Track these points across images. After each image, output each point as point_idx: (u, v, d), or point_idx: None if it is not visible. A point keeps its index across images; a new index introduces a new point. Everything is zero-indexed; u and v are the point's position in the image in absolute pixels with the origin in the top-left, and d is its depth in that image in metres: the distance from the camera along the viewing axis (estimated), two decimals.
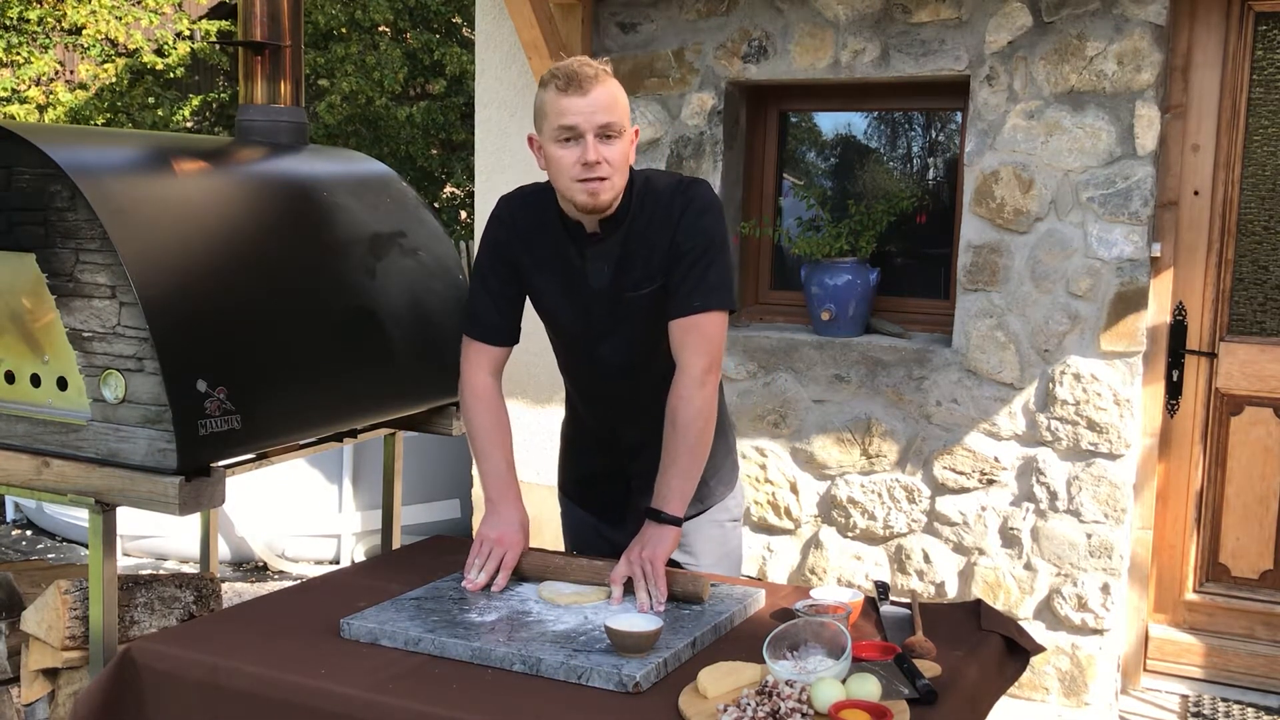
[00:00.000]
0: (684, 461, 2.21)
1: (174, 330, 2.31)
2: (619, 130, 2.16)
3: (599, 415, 2.48)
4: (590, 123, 2.14)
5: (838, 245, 3.92)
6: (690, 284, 2.22)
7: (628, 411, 2.42)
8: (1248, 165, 3.57)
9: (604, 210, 2.22)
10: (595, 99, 2.13)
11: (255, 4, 3.00)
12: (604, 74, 2.16)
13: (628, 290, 2.27)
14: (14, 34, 7.26)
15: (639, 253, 2.26)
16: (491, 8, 4.30)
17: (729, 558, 2.51)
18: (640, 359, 2.35)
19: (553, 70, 2.17)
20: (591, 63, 2.17)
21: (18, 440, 2.50)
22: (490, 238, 2.38)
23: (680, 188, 2.27)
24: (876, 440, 3.90)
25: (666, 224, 2.24)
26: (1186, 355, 3.69)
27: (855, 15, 3.79)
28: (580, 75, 2.13)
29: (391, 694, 1.80)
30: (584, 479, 2.58)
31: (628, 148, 2.20)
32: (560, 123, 2.15)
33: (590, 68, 2.15)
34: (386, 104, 7.01)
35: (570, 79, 2.13)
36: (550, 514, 4.38)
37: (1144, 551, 3.75)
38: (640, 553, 2.16)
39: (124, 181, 2.47)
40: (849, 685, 1.75)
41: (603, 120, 2.14)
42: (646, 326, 2.30)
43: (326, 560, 5.19)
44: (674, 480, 2.21)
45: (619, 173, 2.19)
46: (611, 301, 2.29)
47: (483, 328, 2.39)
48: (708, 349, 2.22)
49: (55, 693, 2.74)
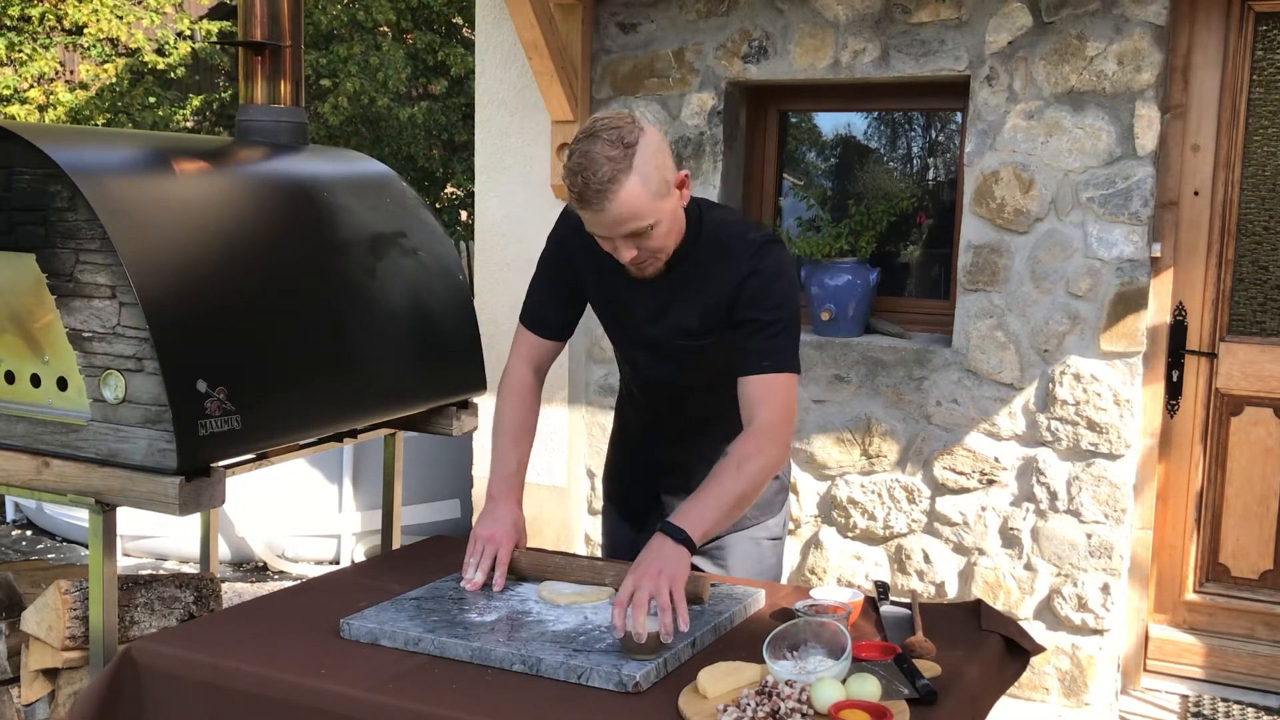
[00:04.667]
0: (727, 504, 2.06)
1: (174, 330, 2.31)
2: (650, 225, 2.04)
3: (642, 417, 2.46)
4: (614, 233, 2.04)
5: (838, 245, 3.92)
6: (762, 346, 2.14)
7: (669, 423, 2.41)
8: (1248, 165, 3.57)
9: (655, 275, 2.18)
10: (611, 215, 2.00)
11: (255, 4, 3.00)
12: (616, 182, 1.97)
13: (675, 336, 2.23)
14: (15, 33, 7.26)
15: (690, 298, 2.19)
16: (491, 8, 4.30)
17: (763, 575, 2.44)
18: (683, 388, 2.33)
19: (566, 171, 2.00)
20: (599, 168, 1.96)
21: (18, 440, 2.50)
22: (557, 234, 2.34)
23: (753, 248, 2.15)
24: (876, 440, 3.90)
25: (727, 278, 2.14)
26: (1186, 355, 3.69)
27: (855, 15, 3.79)
28: (588, 192, 1.98)
29: (391, 694, 1.80)
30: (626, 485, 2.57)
31: (670, 217, 2.08)
32: (588, 228, 2.07)
33: (596, 180, 1.96)
34: (388, 104, 7.01)
35: (581, 196, 1.99)
36: (550, 514, 4.40)
37: (1144, 552, 3.75)
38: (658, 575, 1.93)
39: (124, 181, 2.47)
40: (849, 685, 1.75)
41: (627, 230, 2.03)
42: (690, 367, 2.28)
43: (326, 560, 5.19)
44: (709, 509, 2.04)
45: (665, 246, 2.11)
46: (656, 337, 2.26)
47: (533, 318, 2.38)
48: (781, 404, 2.13)
49: (55, 693, 2.74)
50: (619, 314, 2.30)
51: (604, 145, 1.97)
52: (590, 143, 1.99)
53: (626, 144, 1.98)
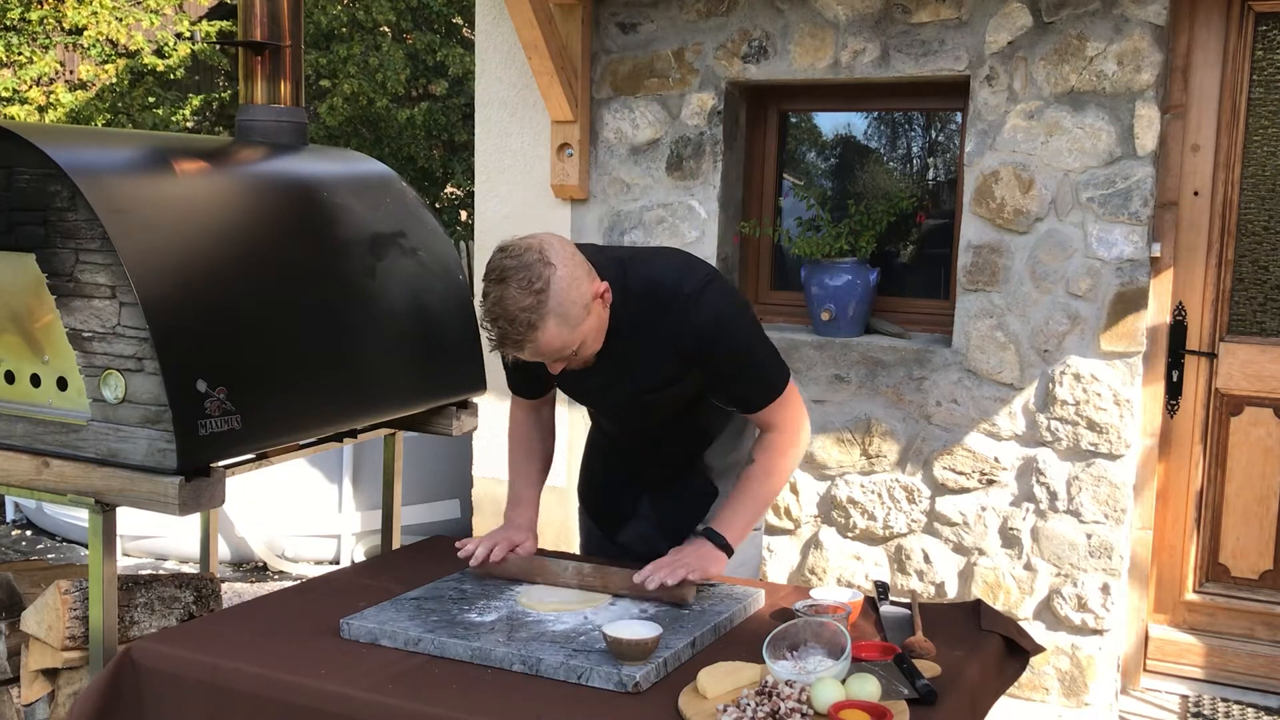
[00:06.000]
0: (760, 505, 2.27)
1: (174, 330, 2.31)
2: (573, 350, 2.06)
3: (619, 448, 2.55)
4: (539, 359, 2.08)
5: (837, 245, 3.92)
6: (753, 390, 2.24)
7: (647, 451, 2.49)
8: (1248, 165, 3.57)
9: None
10: (535, 353, 2.03)
11: (255, 4, 3.00)
12: (534, 328, 1.97)
13: (633, 393, 2.27)
14: (15, 34, 7.26)
15: (639, 361, 2.21)
16: (491, 8, 4.30)
17: (745, 565, 2.53)
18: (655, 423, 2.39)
19: (482, 313, 2.00)
20: (514, 319, 1.96)
21: (18, 440, 2.50)
22: None
23: (690, 303, 2.13)
24: (876, 440, 3.90)
25: (675, 334, 2.15)
26: (1186, 355, 3.68)
27: (855, 15, 3.79)
28: (507, 340, 1.99)
29: (391, 694, 1.80)
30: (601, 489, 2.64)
31: (593, 331, 2.09)
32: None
33: (514, 331, 1.97)
34: (387, 105, 7.01)
35: (501, 341, 2.00)
36: (550, 514, 4.39)
37: (1144, 552, 3.74)
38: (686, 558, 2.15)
39: (124, 181, 2.47)
40: (849, 685, 1.75)
41: (551, 359, 2.07)
42: (655, 412, 2.33)
43: (326, 560, 5.19)
44: (743, 515, 2.24)
45: (590, 351, 2.12)
46: (615, 398, 2.32)
47: (516, 387, 2.49)
48: (792, 413, 2.28)
49: (55, 693, 2.74)
50: (575, 386, 2.36)
51: (515, 293, 1.95)
52: (501, 288, 1.96)
53: (537, 290, 1.95)
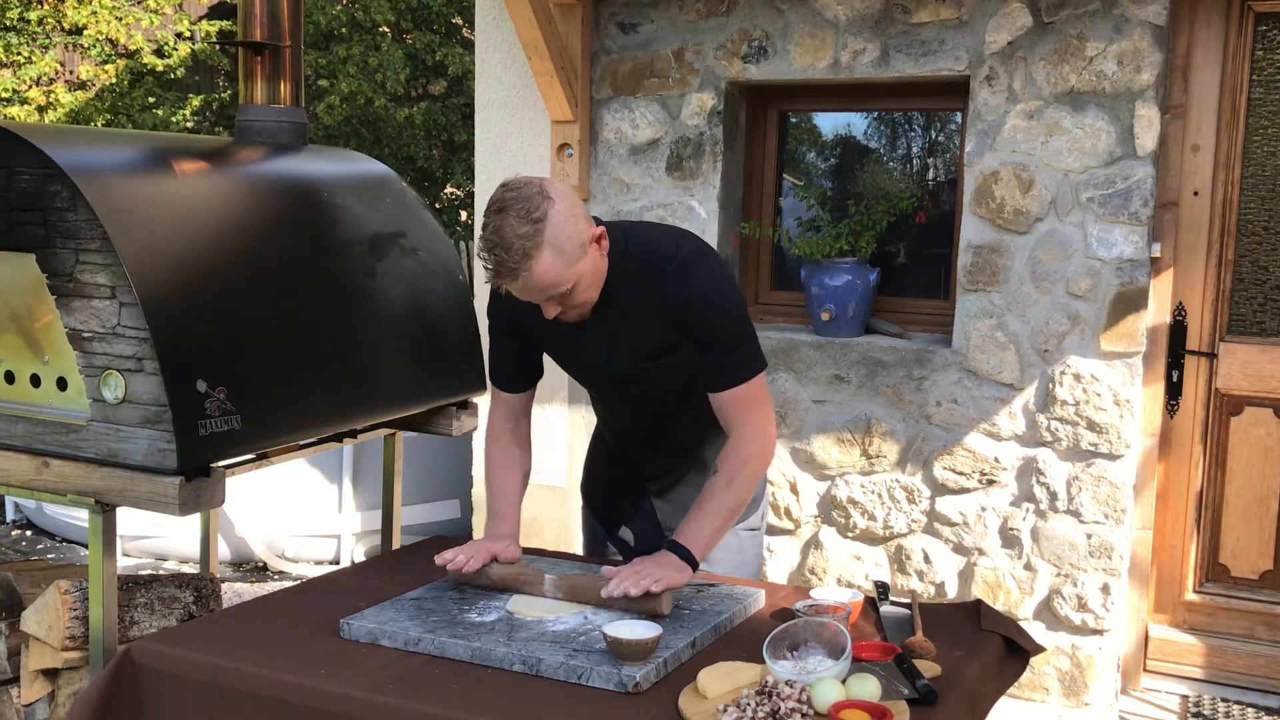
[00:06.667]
0: (724, 516, 2.20)
1: (174, 330, 2.31)
2: (567, 289, 2.08)
3: (620, 439, 2.54)
4: (534, 298, 2.09)
5: (837, 245, 3.92)
6: (724, 363, 2.22)
7: (647, 442, 2.48)
8: (1248, 165, 3.57)
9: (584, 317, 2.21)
10: (528, 286, 2.05)
11: (255, 4, 3.00)
12: (529, 257, 2.00)
13: (631, 362, 2.27)
14: (14, 34, 7.26)
15: (635, 327, 2.23)
16: (491, 8, 4.30)
17: (746, 565, 2.52)
18: (656, 403, 2.39)
19: (480, 245, 2.04)
20: (510, 246, 1.99)
21: (18, 440, 2.50)
22: (490, 300, 2.39)
23: (685, 267, 2.18)
24: (876, 440, 3.90)
25: (668, 299, 2.18)
26: (1186, 355, 3.68)
27: (855, 15, 3.79)
28: (502, 269, 2.01)
29: (391, 694, 1.80)
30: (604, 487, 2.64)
31: (590, 274, 2.11)
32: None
33: (510, 259, 1.99)
34: (386, 105, 7.01)
35: (497, 271, 2.03)
36: (550, 514, 4.39)
37: (1144, 552, 3.74)
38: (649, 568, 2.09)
39: (124, 181, 2.47)
40: (849, 685, 1.75)
41: (544, 297, 2.08)
42: (655, 384, 2.33)
43: (326, 560, 5.19)
44: (707, 527, 2.18)
45: (586, 298, 2.14)
46: (614, 368, 2.31)
47: (497, 376, 2.46)
48: (757, 409, 2.23)
49: (55, 693, 2.74)
50: (571, 355, 2.36)
51: (514, 221, 1.99)
52: (500, 218, 2.00)
53: (535, 219, 1.99)
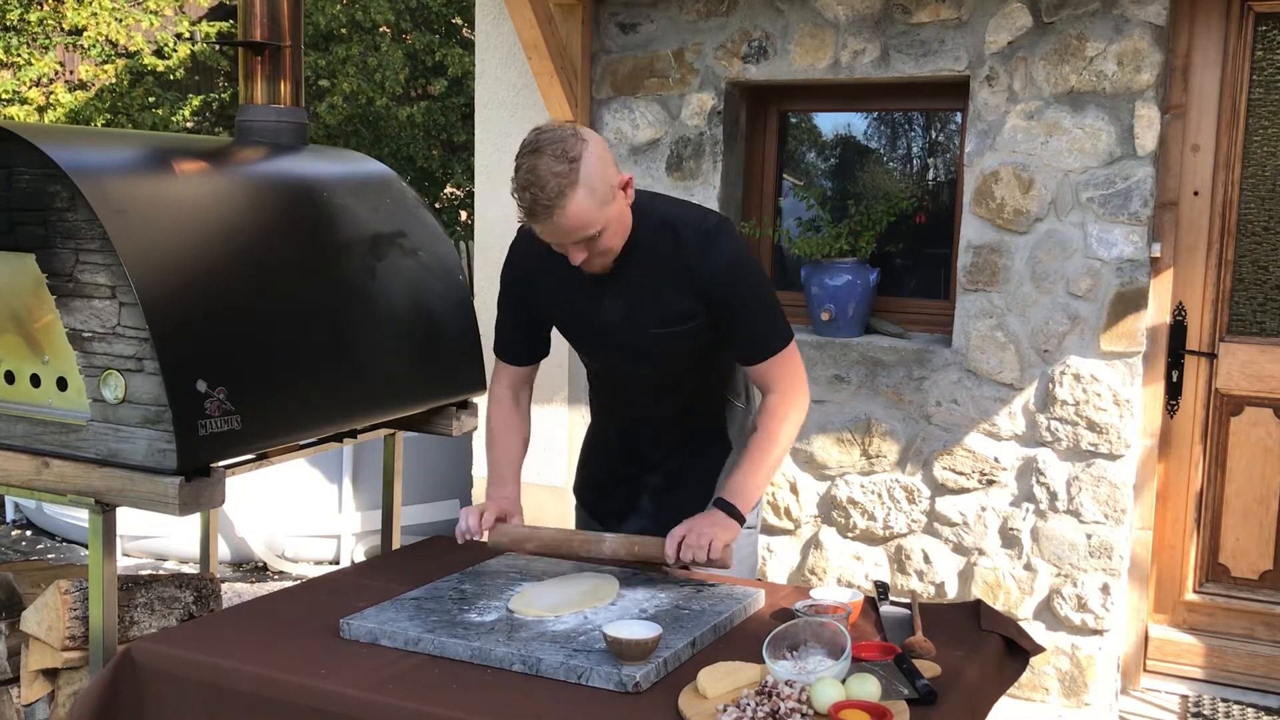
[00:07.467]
0: (765, 472, 2.27)
1: (174, 330, 2.31)
2: (596, 232, 2.10)
3: (621, 428, 2.54)
4: (564, 240, 2.12)
5: (837, 245, 3.92)
6: (754, 337, 2.27)
7: (650, 427, 2.48)
8: (1248, 165, 3.57)
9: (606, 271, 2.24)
10: (561, 226, 2.07)
11: (255, 4, 3.00)
12: (564, 196, 2.03)
13: (647, 327, 2.28)
14: (14, 35, 7.26)
15: (654, 290, 2.25)
16: (491, 8, 4.30)
17: (744, 563, 2.53)
18: (664, 382, 2.39)
19: (515, 185, 2.07)
20: (545, 184, 2.02)
21: (18, 440, 2.50)
22: (507, 264, 2.43)
23: (707, 239, 2.22)
24: (876, 440, 3.90)
25: (688, 267, 2.22)
26: (1186, 355, 3.69)
27: (855, 15, 3.79)
28: (537, 207, 2.05)
29: (391, 694, 1.80)
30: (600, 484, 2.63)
31: (617, 219, 2.15)
32: (538, 234, 2.14)
33: (545, 197, 2.03)
34: (387, 105, 7.01)
35: (531, 210, 2.06)
36: (550, 514, 4.39)
37: (1144, 552, 3.75)
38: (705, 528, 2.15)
39: (124, 181, 2.47)
40: (849, 685, 1.75)
41: (574, 239, 2.10)
42: (668, 357, 2.33)
43: (326, 560, 5.19)
44: (750, 483, 2.24)
45: (612, 245, 2.17)
46: (629, 335, 2.31)
47: (503, 349, 2.50)
48: (792, 372, 2.30)
49: (55, 693, 2.74)
50: (587, 320, 2.35)
51: (549, 160, 2.03)
52: (535, 158, 2.05)
53: (571, 158, 2.04)
